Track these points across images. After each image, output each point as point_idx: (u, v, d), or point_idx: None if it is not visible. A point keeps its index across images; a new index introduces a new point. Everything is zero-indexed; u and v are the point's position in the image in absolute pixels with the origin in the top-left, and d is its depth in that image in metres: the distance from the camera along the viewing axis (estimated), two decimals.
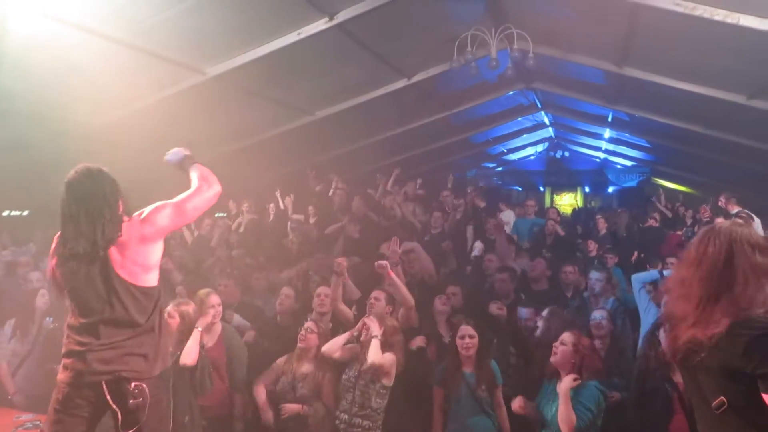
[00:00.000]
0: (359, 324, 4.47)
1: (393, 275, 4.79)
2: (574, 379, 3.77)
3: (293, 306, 5.49)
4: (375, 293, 4.86)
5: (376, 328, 4.30)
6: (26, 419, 4.17)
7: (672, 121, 9.58)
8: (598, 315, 4.92)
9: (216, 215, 9.49)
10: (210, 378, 4.21)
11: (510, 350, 5.01)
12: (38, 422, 4.06)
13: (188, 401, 4.07)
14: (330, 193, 9.16)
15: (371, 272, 5.25)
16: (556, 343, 3.98)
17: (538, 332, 4.95)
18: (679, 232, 9.00)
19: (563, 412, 3.70)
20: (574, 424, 3.66)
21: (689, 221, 9.75)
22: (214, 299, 4.68)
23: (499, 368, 4.49)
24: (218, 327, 4.81)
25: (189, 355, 4.06)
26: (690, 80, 7.33)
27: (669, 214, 10.57)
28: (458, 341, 4.40)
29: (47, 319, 5.46)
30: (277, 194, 9.56)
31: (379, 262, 4.92)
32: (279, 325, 5.42)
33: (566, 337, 3.97)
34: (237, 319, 5.46)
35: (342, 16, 6.11)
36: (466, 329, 4.41)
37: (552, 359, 3.95)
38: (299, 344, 4.59)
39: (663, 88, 7.72)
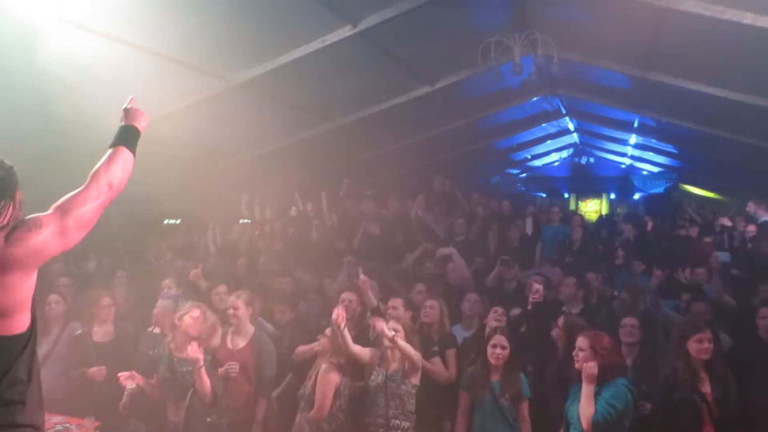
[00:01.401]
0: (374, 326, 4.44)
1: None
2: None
3: None
4: (392, 302, 4.87)
5: (385, 327, 4.21)
6: (56, 421, 4.14)
7: (700, 126, 9.39)
8: (628, 322, 4.80)
9: (241, 221, 9.59)
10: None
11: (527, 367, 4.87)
12: (68, 424, 4.12)
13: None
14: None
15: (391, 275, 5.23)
16: (575, 351, 3.97)
17: (560, 344, 4.86)
18: (708, 240, 8.80)
19: (583, 405, 3.72)
20: (592, 417, 3.65)
21: (718, 228, 9.56)
22: (235, 301, 4.88)
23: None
24: (250, 329, 4.92)
25: (205, 395, 4.14)
26: (718, 85, 7.18)
27: (699, 220, 10.37)
28: (489, 349, 4.41)
29: (71, 324, 5.34)
30: (296, 196, 9.43)
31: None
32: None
33: (581, 342, 3.96)
34: (260, 321, 5.49)
35: (365, 24, 6.14)
36: (500, 339, 4.42)
37: (576, 366, 3.93)
38: (316, 348, 4.61)
39: (690, 93, 7.58)
